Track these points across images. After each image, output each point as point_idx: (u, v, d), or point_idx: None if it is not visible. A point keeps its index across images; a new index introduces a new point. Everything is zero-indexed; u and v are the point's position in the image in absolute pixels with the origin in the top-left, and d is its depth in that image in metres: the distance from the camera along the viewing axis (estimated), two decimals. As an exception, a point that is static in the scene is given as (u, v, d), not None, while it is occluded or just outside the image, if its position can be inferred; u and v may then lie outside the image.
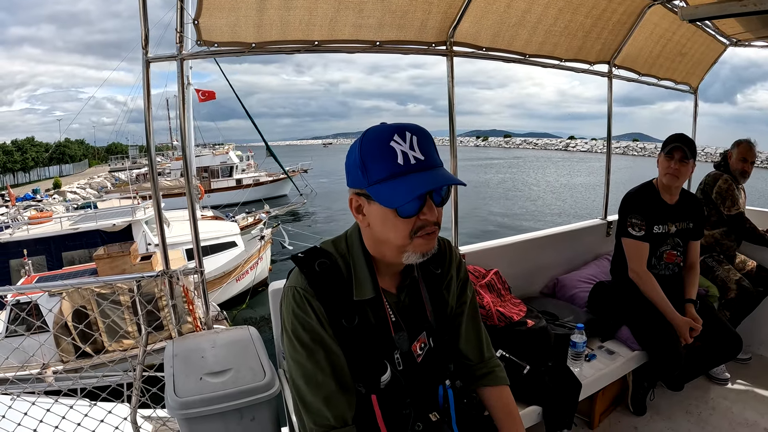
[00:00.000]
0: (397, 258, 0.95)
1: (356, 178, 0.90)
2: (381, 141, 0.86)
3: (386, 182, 0.86)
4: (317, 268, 0.97)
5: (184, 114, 1.74)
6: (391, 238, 0.91)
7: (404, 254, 0.93)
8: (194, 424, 1.48)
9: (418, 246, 0.91)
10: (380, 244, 0.96)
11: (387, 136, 0.86)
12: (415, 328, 1.04)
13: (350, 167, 0.92)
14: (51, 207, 15.11)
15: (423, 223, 0.90)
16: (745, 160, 2.60)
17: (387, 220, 0.89)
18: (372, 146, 0.87)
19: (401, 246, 0.92)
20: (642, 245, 2.05)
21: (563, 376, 1.71)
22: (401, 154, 0.85)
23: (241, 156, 25.56)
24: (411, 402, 1.02)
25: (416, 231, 0.90)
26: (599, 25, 2.40)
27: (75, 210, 12.58)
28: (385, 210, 0.88)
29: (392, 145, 0.85)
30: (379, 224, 0.91)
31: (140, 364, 1.82)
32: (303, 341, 0.94)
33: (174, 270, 1.85)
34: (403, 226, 0.89)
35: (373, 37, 1.88)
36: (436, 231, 0.93)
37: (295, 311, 0.95)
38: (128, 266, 7.15)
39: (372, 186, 0.87)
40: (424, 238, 0.91)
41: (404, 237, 0.90)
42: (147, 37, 1.61)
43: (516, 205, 21.63)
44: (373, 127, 0.90)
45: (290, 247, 13.16)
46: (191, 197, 1.83)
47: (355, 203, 0.94)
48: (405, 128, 0.87)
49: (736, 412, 2.15)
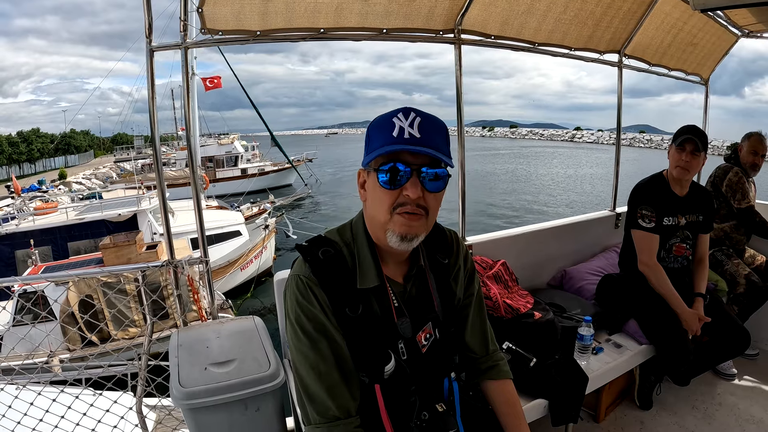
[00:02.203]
0: (383, 239, 0.94)
1: (365, 152, 0.93)
2: (386, 117, 0.90)
3: (377, 149, 0.88)
4: (321, 257, 0.96)
5: (188, 103, 1.73)
6: (377, 212, 0.92)
7: (387, 233, 0.92)
8: (199, 414, 1.49)
9: (396, 224, 0.90)
10: (372, 222, 0.96)
11: (393, 114, 0.90)
12: (420, 317, 1.03)
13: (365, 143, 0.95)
14: (56, 198, 15.16)
15: (404, 199, 0.89)
16: (756, 153, 2.56)
17: (374, 191, 0.91)
18: (378, 121, 0.91)
19: (384, 223, 0.92)
20: (652, 237, 2.02)
21: (570, 370, 1.69)
22: (398, 129, 0.88)
23: (246, 146, 25.53)
24: (416, 391, 1.01)
25: (396, 207, 0.90)
26: (610, 14, 2.35)
27: (80, 200, 12.62)
28: (374, 181, 0.90)
29: (394, 120, 0.88)
30: (371, 196, 0.93)
31: (145, 354, 1.82)
32: (306, 330, 0.93)
33: (179, 260, 1.84)
34: (384, 197, 0.90)
35: (379, 25, 1.85)
36: (420, 214, 0.90)
37: (299, 300, 0.94)
38: (134, 255, 7.20)
39: (368, 155, 0.90)
40: (404, 217, 0.89)
41: (385, 211, 0.90)
42: (151, 26, 1.59)
43: (522, 197, 21.56)
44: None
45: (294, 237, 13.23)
46: (196, 187, 1.82)
47: (360, 178, 0.97)
48: (413, 110, 0.89)
49: (742, 408, 2.13)
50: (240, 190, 15.67)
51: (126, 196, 11.45)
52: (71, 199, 13.81)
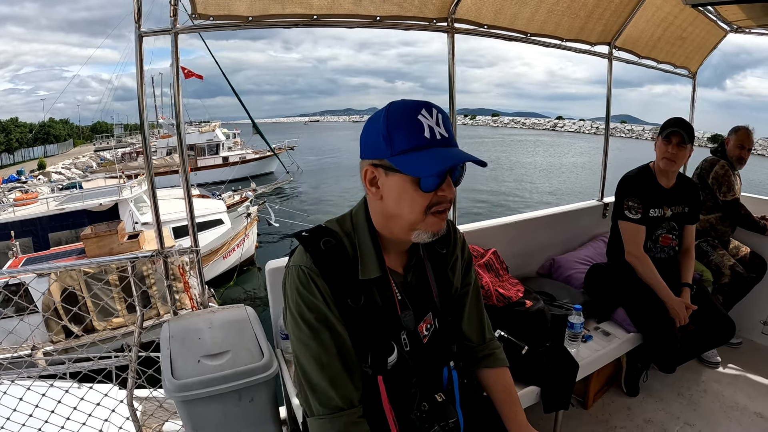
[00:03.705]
0: (405, 235, 0.93)
1: (376, 148, 0.88)
2: (409, 113, 0.86)
3: (412, 153, 0.85)
4: (323, 247, 0.95)
5: (179, 90, 1.68)
6: (405, 213, 0.89)
7: (414, 232, 0.91)
8: (192, 406, 1.47)
9: (431, 224, 0.90)
10: (390, 220, 0.93)
11: (414, 110, 0.86)
12: (421, 308, 1.03)
13: (370, 138, 0.90)
14: (36, 188, 14.79)
15: (439, 199, 0.89)
16: (743, 147, 2.61)
17: (404, 193, 0.88)
18: (399, 117, 0.86)
19: (413, 222, 0.90)
20: (638, 228, 2.06)
21: (561, 357, 1.72)
22: (428, 128, 0.85)
23: (228, 134, 25.16)
24: (417, 382, 1.01)
25: (431, 207, 0.89)
26: (602, 6, 2.35)
27: (60, 191, 12.34)
28: (404, 183, 0.87)
29: (419, 118, 0.85)
30: (394, 197, 0.89)
31: (135, 345, 1.79)
32: (308, 321, 0.92)
33: (169, 249, 1.81)
34: (420, 200, 0.88)
35: (373, 12, 1.83)
36: (448, 210, 0.92)
37: (300, 291, 0.93)
38: (116, 245, 7.09)
39: (396, 156, 0.85)
40: (437, 217, 0.90)
41: (419, 213, 0.89)
42: (140, 10, 1.54)
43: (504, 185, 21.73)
44: (397, 101, 0.90)
45: (276, 225, 13.19)
46: (185, 175, 1.79)
47: (369, 175, 0.91)
48: (431, 105, 0.88)
49: (726, 395, 2.20)
50: (222, 179, 15.51)
51: (107, 185, 11.23)
52: (51, 189, 13.49)
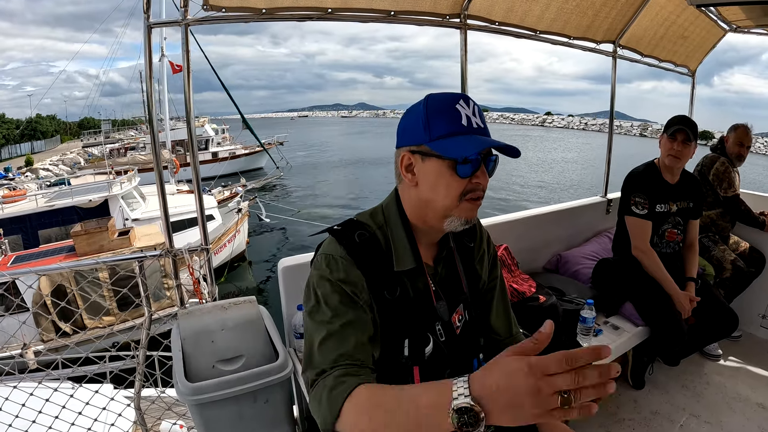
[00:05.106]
0: (439, 222, 0.93)
1: (415, 134, 0.90)
2: (447, 102, 0.89)
3: (450, 138, 0.87)
4: (357, 240, 0.94)
5: (189, 84, 1.63)
6: (440, 198, 0.90)
7: (447, 219, 0.92)
8: (207, 409, 1.44)
9: (464, 210, 0.91)
10: (424, 206, 0.94)
11: (453, 100, 0.89)
12: (453, 299, 1.04)
13: (409, 125, 0.92)
14: (24, 185, 14.50)
15: (474, 186, 0.90)
16: (742, 144, 2.65)
17: (441, 178, 0.89)
18: (438, 105, 0.89)
19: (447, 208, 0.91)
20: (645, 223, 2.08)
21: (574, 352, 1.73)
22: (465, 117, 0.88)
23: (217, 129, 24.92)
24: (450, 373, 1.01)
25: (465, 194, 0.90)
26: (609, 5, 2.36)
27: (48, 187, 12.12)
28: (441, 167, 0.88)
29: (458, 107, 0.88)
30: (431, 182, 0.90)
31: (143, 347, 1.76)
32: (331, 304, 0.89)
33: (179, 248, 1.78)
34: (456, 185, 0.89)
35: (387, 7, 1.81)
36: (481, 198, 0.93)
37: (329, 274, 0.90)
38: (106, 242, 7.01)
39: (434, 141, 0.88)
40: (471, 203, 0.91)
41: (454, 198, 0.90)
42: (149, 1, 1.50)
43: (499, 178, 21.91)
44: (435, 93, 0.92)
45: (267, 220, 13.10)
46: (197, 172, 1.76)
47: (406, 161, 0.93)
48: (468, 97, 0.91)
49: (729, 386, 2.24)
50: (211, 174, 15.34)
51: (96, 181, 11.04)
52: (39, 186, 13.23)
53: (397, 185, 1.00)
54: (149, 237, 7.48)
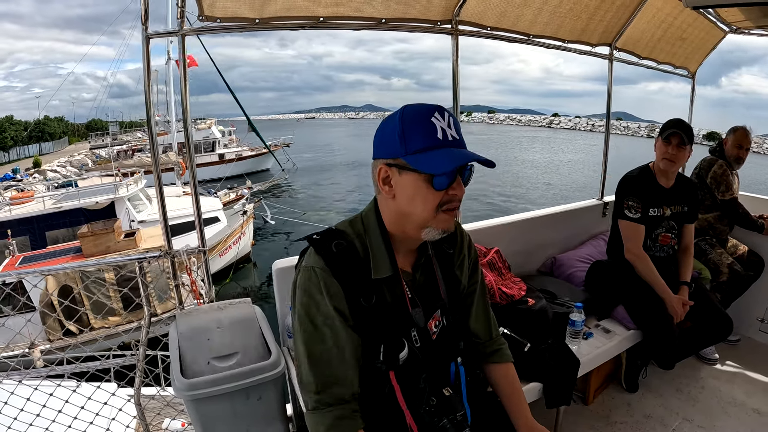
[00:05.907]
0: (416, 233, 0.96)
1: (391, 147, 0.92)
2: (422, 115, 0.90)
3: (426, 152, 0.89)
4: (334, 249, 0.97)
5: (186, 90, 1.68)
6: (417, 210, 0.93)
7: (425, 229, 0.95)
8: (202, 404, 1.49)
9: (441, 222, 0.94)
10: (402, 218, 0.97)
11: (428, 113, 0.90)
12: (430, 305, 1.06)
13: (385, 137, 0.94)
14: (31, 186, 14.71)
15: (450, 198, 0.93)
16: (741, 147, 2.64)
17: (418, 191, 0.92)
18: (413, 118, 0.91)
19: (425, 220, 0.94)
20: (638, 227, 2.09)
21: (562, 354, 1.75)
22: (440, 130, 0.90)
23: (224, 131, 25.06)
24: (426, 377, 1.04)
25: (442, 205, 0.93)
26: (603, 7, 2.38)
27: (55, 189, 12.28)
28: (418, 181, 0.91)
29: (433, 120, 0.90)
30: (408, 195, 0.93)
31: (143, 345, 1.80)
32: (314, 322, 0.95)
33: (177, 250, 1.82)
34: (432, 198, 0.92)
35: (378, 14, 1.84)
36: (457, 209, 0.96)
37: (310, 292, 0.95)
38: (112, 243, 7.13)
39: (410, 155, 0.90)
40: (448, 214, 0.94)
41: (431, 210, 0.92)
42: (147, 12, 1.54)
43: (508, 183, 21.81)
44: (411, 104, 0.93)
45: (272, 222, 13.22)
46: (193, 174, 1.81)
47: (383, 174, 0.95)
48: (443, 109, 0.92)
49: (724, 391, 2.24)
50: (218, 176, 15.46)
51: (103, 183, 11.19)
52: (46, 187, 13.42)
53: (375, 195, 1.03)
54: (155, 239, 7.59)
